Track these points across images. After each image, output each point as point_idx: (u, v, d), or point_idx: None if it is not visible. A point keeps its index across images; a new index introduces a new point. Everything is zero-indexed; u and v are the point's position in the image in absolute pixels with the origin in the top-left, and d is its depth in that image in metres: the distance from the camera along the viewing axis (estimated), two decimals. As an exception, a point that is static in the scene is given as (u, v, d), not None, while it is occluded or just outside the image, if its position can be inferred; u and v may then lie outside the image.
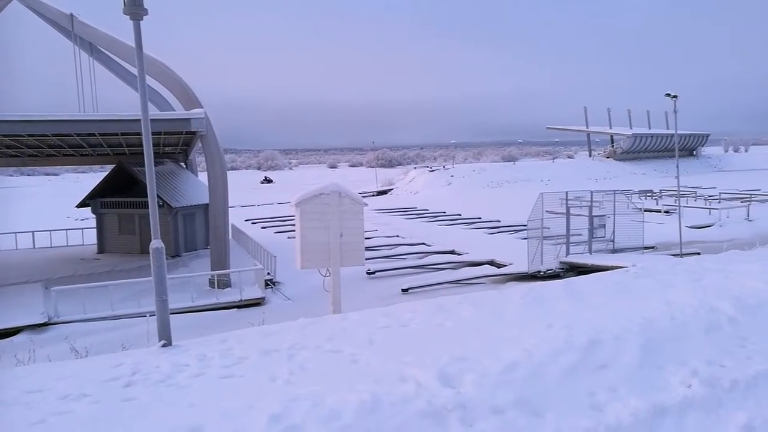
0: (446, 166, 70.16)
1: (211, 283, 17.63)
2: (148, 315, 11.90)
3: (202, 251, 23.96)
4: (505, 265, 20.16)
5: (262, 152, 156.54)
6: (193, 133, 18.91)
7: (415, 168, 74.56)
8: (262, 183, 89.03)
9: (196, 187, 26.08)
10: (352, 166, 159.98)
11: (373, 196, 59.47)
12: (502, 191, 55.12)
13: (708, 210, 30.18)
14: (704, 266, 9.33)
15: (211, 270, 17.99)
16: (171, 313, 6.52)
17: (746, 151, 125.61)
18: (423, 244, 25.49)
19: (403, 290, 17.26)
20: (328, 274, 9.62)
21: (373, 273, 19.57)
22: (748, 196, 36.20)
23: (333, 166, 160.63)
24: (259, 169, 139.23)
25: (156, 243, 6.13)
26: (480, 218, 34.23)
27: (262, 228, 32.26)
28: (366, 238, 26.67)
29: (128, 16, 5.99)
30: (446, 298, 7.60)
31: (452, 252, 23.49)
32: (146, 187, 6.15)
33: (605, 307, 6.52)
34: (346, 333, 6.16)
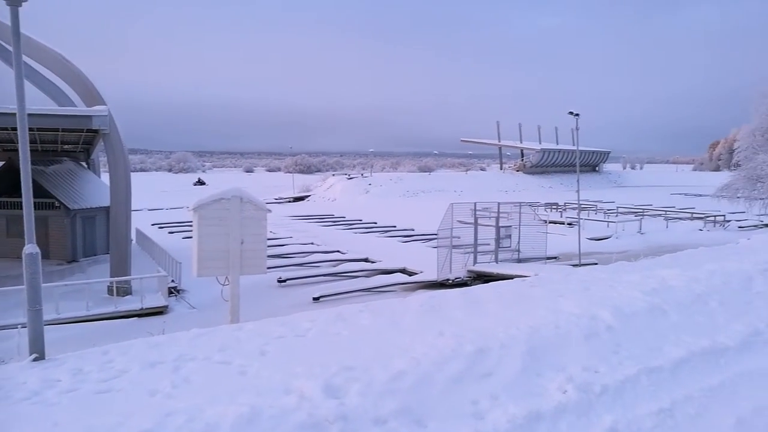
0: (364, 175, 70.57)
1: (110, 291, 16.68)
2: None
3: (102, 256, 22.64)
4: (417, 273, 20.50)
5: (174, 153, 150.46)
6: (95, 131, 17.89)
7: (333, 175, 74.40)
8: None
9: (97, 188, 24.64)
10: (269, 170, 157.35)
11: (290, 202, 58.80)
12: (418, 200, 56.13)
13: (606, 223, 32.14)
14: (594, 276, 9.86)
15: (111, 276, 17.02)
16: (63, 323, 6.08)
17: (641, 168, 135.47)
18: (338, 251, 25.43)
19: (315, 299, 17.11)
20: (227, 283, 9.35)
21: (285, 281, 19.28)
22: (642, 210, 38.93)
23: (249, 170, 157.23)
24: (170, 171, 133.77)
25: (30, 248, 5.69)
26: (395, 226, 34.67)
27: (170, 233, 30.97)
28: (280, 245, 26.49)
29: (5, 2, 5.56)
30: (347, 306, 7.57)
31: (366, 260, 23.59)
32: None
33: (497, 315, 6.73)
34: (238, 343, 5.98)
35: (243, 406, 4.01)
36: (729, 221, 31.91)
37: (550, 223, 28.48)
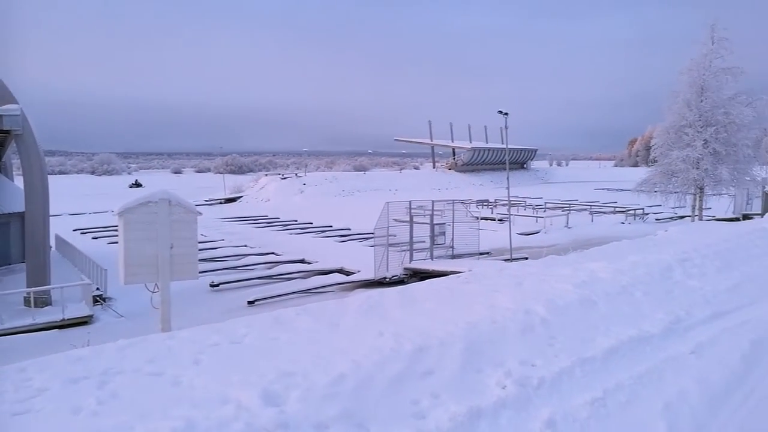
0: (299, 174, 69.75)
1: (27, 302, 15.62)
2: None
3: (17, 266, 21.17)
4: (354, 273, 20.41)
5: (96, 155, 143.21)
6: (7, 132, 16.69)
7: (266, 175, 72.96)
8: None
9: (10, 192, 23.03)
10: (198, 171, 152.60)
11: (222, 203, 57.23)
12: (354, 200, 56.07)
13: (535, 218, 33.22)
14: (527, 270, 10.13)
15: (27, 287, 15.94)
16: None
17: (567, 165, 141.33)
18: (272, 253, 24.95)
19: (249, 302, 16.69)
20: (157, 290, 8.93)
21: (217, 285, 18.70)
22: (568, 205, 40.53)
23: (177, 172, 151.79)
24: (93, 173, 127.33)
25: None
26: (331, 226, 34.43)
27: (93, 238, 29.43)
28: (212, 249, 25.69)
29: None
30: (284, 310, 7.40)
31: (302, 261, 23.27)
32: None
33: (435, 312, 6.78)
34: (170, 353, 5.71)
35: (177, 420, 3.81)
36: (648, 214, 33.81)
37: (482, 219, 29.11)
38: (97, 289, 16.85)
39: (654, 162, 26.46)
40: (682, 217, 30.54)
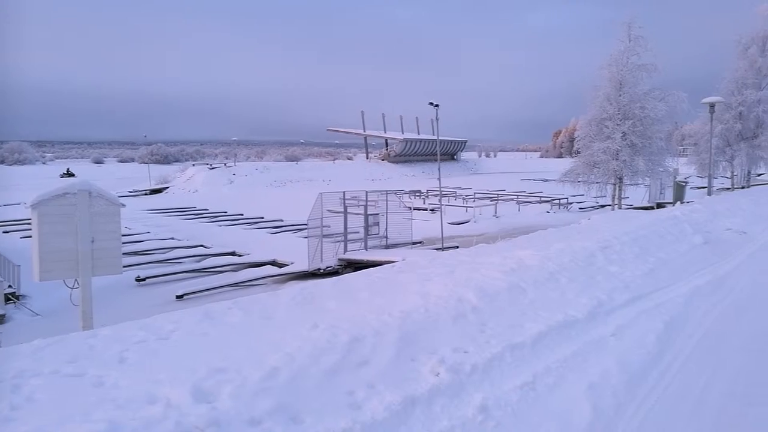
0: (228, 164, 67.98)
1: (-73, 303, 14.43)
2: None
3: None
4: (287, 265, 20.15)
5: (6, 144, 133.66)
6: None
7: (194, 165, 70.66)
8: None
9: None
10: (121, 161, 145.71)
11: (147, 194, 54.98)
12: (286, 190, 55.32)
13: (465, 208, 33.96)
14: (458, 259, 10.32)
15: (-73, 286, 14.72)
16: None
17: (495, 156, 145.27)
18: (201, 246, 24.21)
19: (178, 297, 16.14)
20: (77, 286, 8.45)
21: (143, 280, 17.97)
22: (496, 195, 41.69)
23: (98, 161, 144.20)
24: (2, 163, 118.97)
25: None
26: (263, 218, 33.80)
27: (5, 232, 27.53)
28: (136, 242, 24.64)
29: None
30: (214, 304, 7.18)
31: (233, 253, 22.73)
32: None
33: (370, 302, 6.78)
34: (92, 352, 5.41)
35: (99, 422, 3.62)
36: (571, 203, 35.32)
37: (414, 209, 29.47)
38: (10, 286, 15.80)
39: (577, 153, 27.60)
40: (603, 206, 32.10)
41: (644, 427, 4.48)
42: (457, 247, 20.55)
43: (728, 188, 35.50)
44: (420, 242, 23.45)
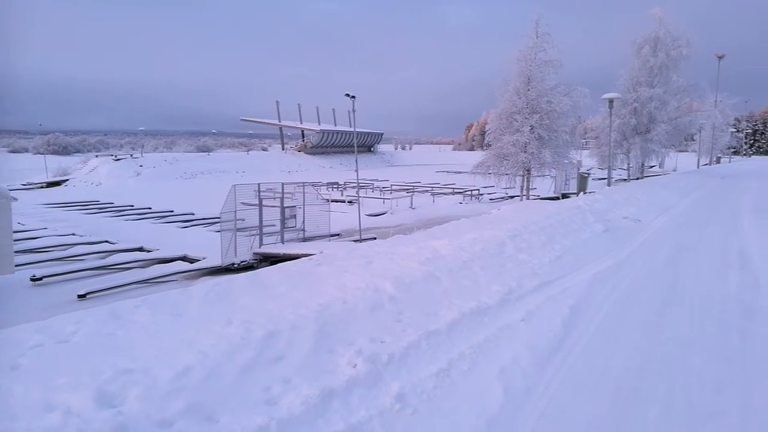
0: (134, 155, 64.55)
1: None
2: None
3: None
4: (199, 260, 19.44)
5: None
6: None
7: (97, 156, 66.51)
8: None
9: None
10: (13, 152, 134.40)
11: (43, 188, 51.19)
12: (197, 182, 53.38)
13: (382, 200, 34.26)
14: (375, 250, 10.39)
15: None
16: None
17: (411, 148, 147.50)
18: (106, 242, 22.84)
19: (80, 296, 15.15)
20: (-39, 287, 7.72)
21: (40, 279, 16.70)
22: (412, 187, 42.37)
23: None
24: None
25: None
26: (173, 211, 32.43)
27: None
28: (31, 239, 22.88)
29: None
30: (120, 303, 6.80)
31: (141, 249, 21.62)
32: None
33: (286, 296, 6.69)
34: (-20, 360, 4.97)
35: (-12, 436, 3.33)
36: (483, 194, 36.55)
37: (332, 201, 29.35)
38: None
39: (488, 146, 28.50)
40: (512, 197, 33.45)
41: (551, 405, 4.72)
42: (375, 238, 20.68)
43: (625, 179, 38.08)
44: (338, 234, 23.38)
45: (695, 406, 4.69)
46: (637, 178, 35.60)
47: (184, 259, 19.79)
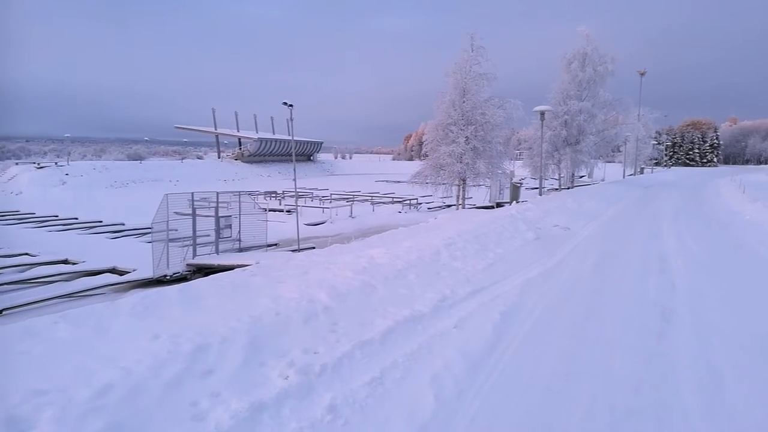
0: (60, 163, 61.46)
1: None
2: None
3: None
4: (129, 272, 18.70)
5: None
6: None
7: (17, 164, 62.91)
8: None
9: None
10: None
11: (-44, 197, 47.87)
12: (128, 192, 51.39)
13: (322, 209, 34.10)
14: (312, 260, 10.31)
15: None
16: None
17: (351, 158, 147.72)
18: (26, 254, 21.59)
19: (-5, 312, 14.24)
20: None
21: (-51, 295, 15.59)
22: (352, 196, 42.41)
23: None
24: None
25: None
26: (101, 221, 31.09)
27: None
28: (-59, 251, 21.29)
29: None
30: (38, 318, 6.42)
31: (65, 261, 20.58)
32: None
33: (218, 309, 6.52)
34: None
35: None
36: (421, 204, 37.06)
37: (269, 210, 28.95)
38: None
39: (425, 156, 28.92)
40: (449, 206, 34.07)
41: (482, 410, 4.81)
42: (314, 247, 20.53)
43: (556, 189, 39.54)
44: (276, 244, 23.07)
45: (615, 406, 4.91)
46: (568, 188, 37.04)
47: (113, 271, 18.97)
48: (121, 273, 18.64)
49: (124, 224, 29.93)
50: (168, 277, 17.68)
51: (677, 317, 7.55)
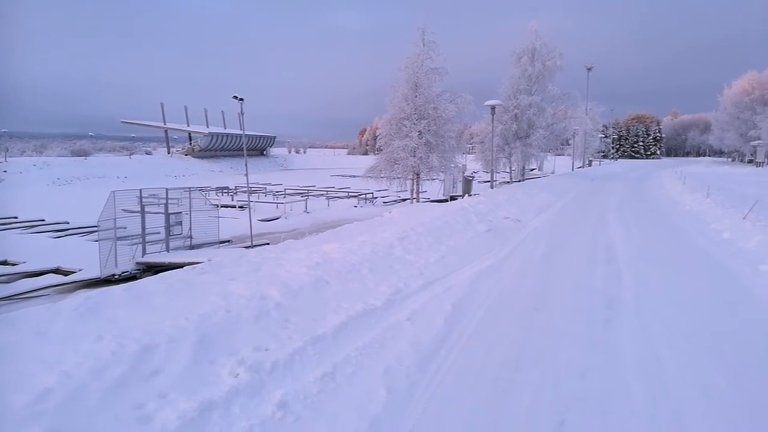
0: (-3, 160, 58.65)
1: None
2: None
3: None
4: (75, 272, 18.04)
5: None
6: None
7: (-51, 162, 59.69)
8: None
9: None
10: None
11: None
12: (73, 189, 49.47)
13: (276, 204, 33.72)
14: (264, 256, 10.18)
15: None
16: None
17: (305, 152, 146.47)
18: (-40, 256, 20.55)
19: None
20: None
21: None
22: (307, 191, 42.08)
23: None
24: None
25: None
26: (44, 220, 29.84)
27: None
28: None
29: None
30: (-30, 324, 6.12)
31: (4, 262, 19.70)
32: None
33: (166, 308, 6.37)
34: None
35: None
36: (376, 198, 37.09)
37: (222, 207, 28.44)
38: None
39: (380, 150, 28.98)
40: (404, 200, 34.22)
41: (433, 401, 4.87)
42: (268, 243, 20.28)
43: (508, 182, 40.30)
44: (228, 241, 22.67)
45: (562, 392, 5.05)
46: (519, 181, 37.81)
47: (56, 271, 18.27)
48: (66, 273, 17.97)
49: (68, 223, 28.83)
50: (116, 277, 17.16)
51: (622, 305, 7.83)
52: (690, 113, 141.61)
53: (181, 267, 11.98)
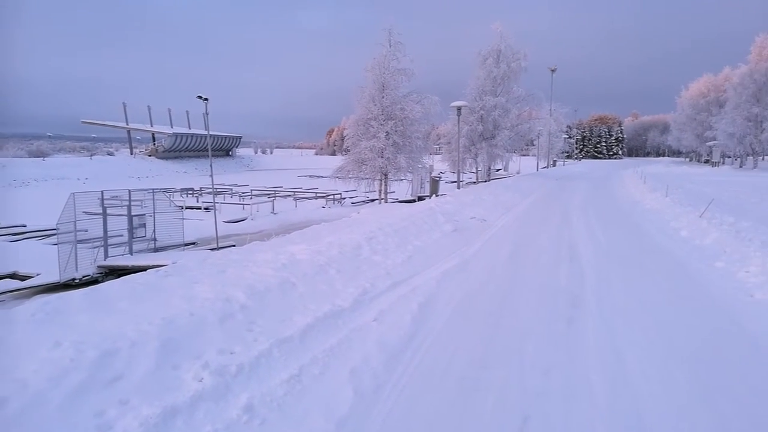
0: (-51, 161, 56.48)
1: None
2: None
3: None
4: (32, 276, 17.51)
5: None
6: None
7: None
8: None
9: None
10: None
11: None
12: (30, 191, 47.98)
13: (242, 205, 33.33)
14: (230, 258, 10.05)
15: None
16: None
17: (272, 152, 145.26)
18: None
19: None
20: None
21: None
22: (274, 192, 41.71)
23: None
24: None
25: None
26: (-1, 224, 28.84)
27: None
28: None
29: None
30: None
31: (-43, 268, 18.95)
32: None
33: (128, 312, 6.23)
34: None
35: None
36: (344, 198, 37.02)
37: (186, 208, 28.00)
38: None
39: (347, 151, 28.95)
40: (372, 200, 34.25)
41: (400, 401, 4.89)
42: (234, 245, 20.04)
43: (474, 182, 40.73)
44: (194, 243, 22.33)
45: (527, 390, 5.14)
46: (485, 181, 38.25)
47: (13, 276, 17.71)
48: (23, 278, 17.43)
49: (25, 226, 27.96)
50: (77, 281, 16.72)
51: (585, 303, 8.00)
52: (650, 114, 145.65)
53: (145, 270, 11.74)
